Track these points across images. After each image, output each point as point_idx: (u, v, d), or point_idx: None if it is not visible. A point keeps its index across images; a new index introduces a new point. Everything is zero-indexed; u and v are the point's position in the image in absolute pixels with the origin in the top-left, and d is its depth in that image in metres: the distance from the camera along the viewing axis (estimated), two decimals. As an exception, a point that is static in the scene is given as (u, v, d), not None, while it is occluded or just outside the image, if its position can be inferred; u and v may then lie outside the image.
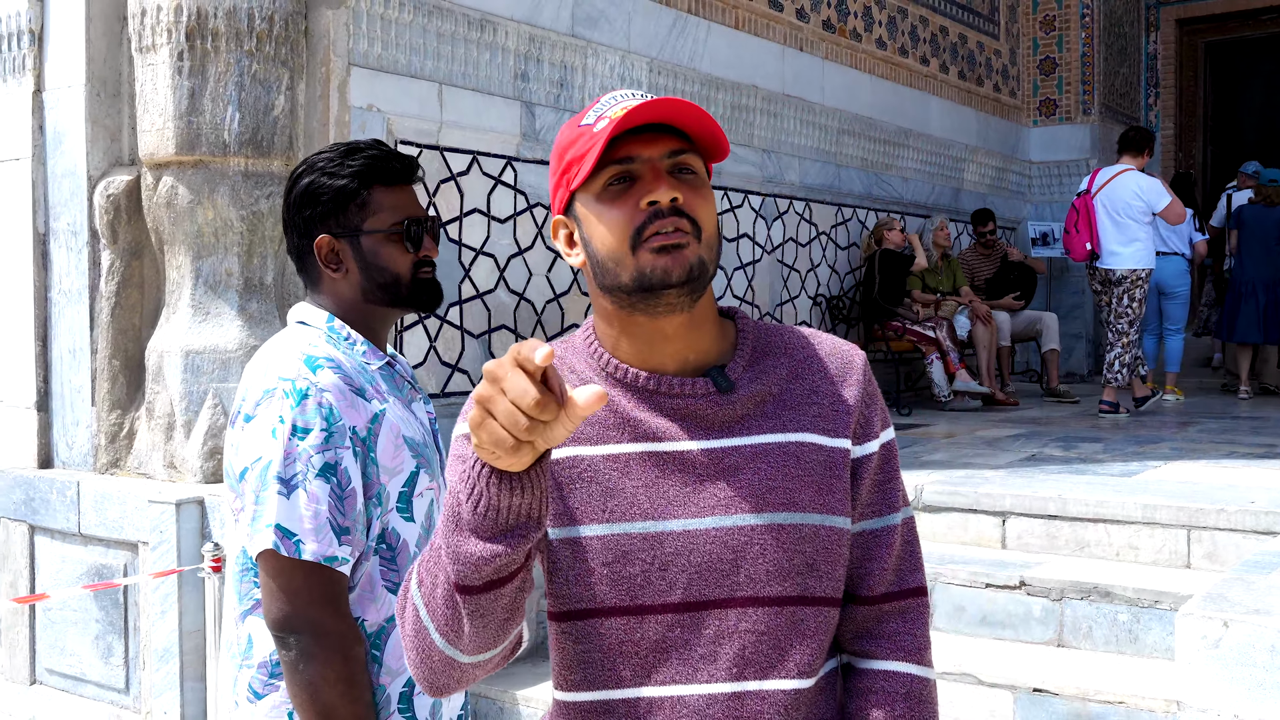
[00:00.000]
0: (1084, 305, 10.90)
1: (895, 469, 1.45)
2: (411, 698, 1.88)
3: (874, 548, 1.42)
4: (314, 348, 1.85)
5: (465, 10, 5.17)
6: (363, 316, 1.95)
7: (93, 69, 4.50)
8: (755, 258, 7.28)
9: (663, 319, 1.34)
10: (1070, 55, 10.98)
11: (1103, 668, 3.65)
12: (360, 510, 1.79)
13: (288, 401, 1.77)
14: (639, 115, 1.29)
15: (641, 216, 1.30)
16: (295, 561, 1.74)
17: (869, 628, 1.42)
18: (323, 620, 1.74)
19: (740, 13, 7.13)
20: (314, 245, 1.93)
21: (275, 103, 4.40)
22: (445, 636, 1.24)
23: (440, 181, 5.10)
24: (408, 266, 1.93)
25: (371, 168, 1.91)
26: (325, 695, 1.74)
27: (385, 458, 1.83)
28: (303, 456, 1.75)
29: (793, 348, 1.43)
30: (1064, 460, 5.38)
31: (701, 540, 1.32)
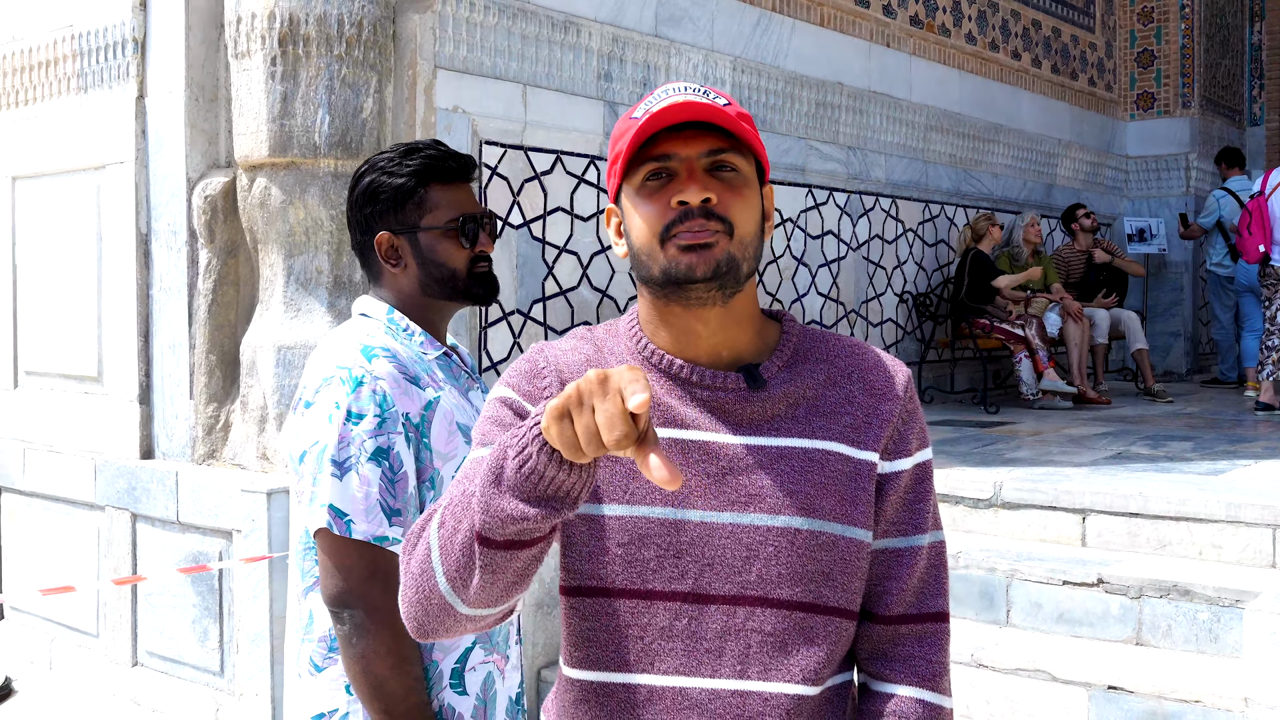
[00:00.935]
0: (1182, 303, 10.67)
1: (928, 490, 1.44)
2: (464, 673, 1.94)
3: (895, 567, 1.41)
4: (372, 338, 1.93)
5: (549, 12, 5.26)
6: (421, 309, 2.02)
7: (192, 75, 4.68)
8: (840, 255, 7.28)
9: (696, 311, 1.36)
10: (1169, 47, 10.75)
11: (1181, 666, 3.61)
12: (412, 493, 1.87)
13: (344, 389, 1.85)
14: (671, 113, 1.31)
15: (672, 214, 1.33)
16: (348, 540, 1.82)
17: (885, 649, 1.42)
18: (374, 596, 1.82)
19: (825, 10, 7.13)
20: (374, 241, 2.01)
21: (363, 105, 4.54)
22: (451, 582, 1.24)
23: (524, 180, 5.20)
24: (464, 261, 2.01)
25: (429, 167, 1.99)
26: (376, 668, 1.81)
27: (439, 443, 1.91)
28: (356, 441, 1.83)
29: (835, 356, 1.43)
30: (1150, 459, 5.30)
31: (718, 534, 1.33)
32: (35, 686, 4.98)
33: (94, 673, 4.92)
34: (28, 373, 5.46)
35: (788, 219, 6.81)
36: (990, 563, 4.14)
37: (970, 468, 5.00)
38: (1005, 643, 3.91)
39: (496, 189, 5.07)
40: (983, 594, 4.12)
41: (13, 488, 5.42)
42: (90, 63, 5.04)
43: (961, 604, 4.16)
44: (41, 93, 5.31)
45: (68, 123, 5.16)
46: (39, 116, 5.32)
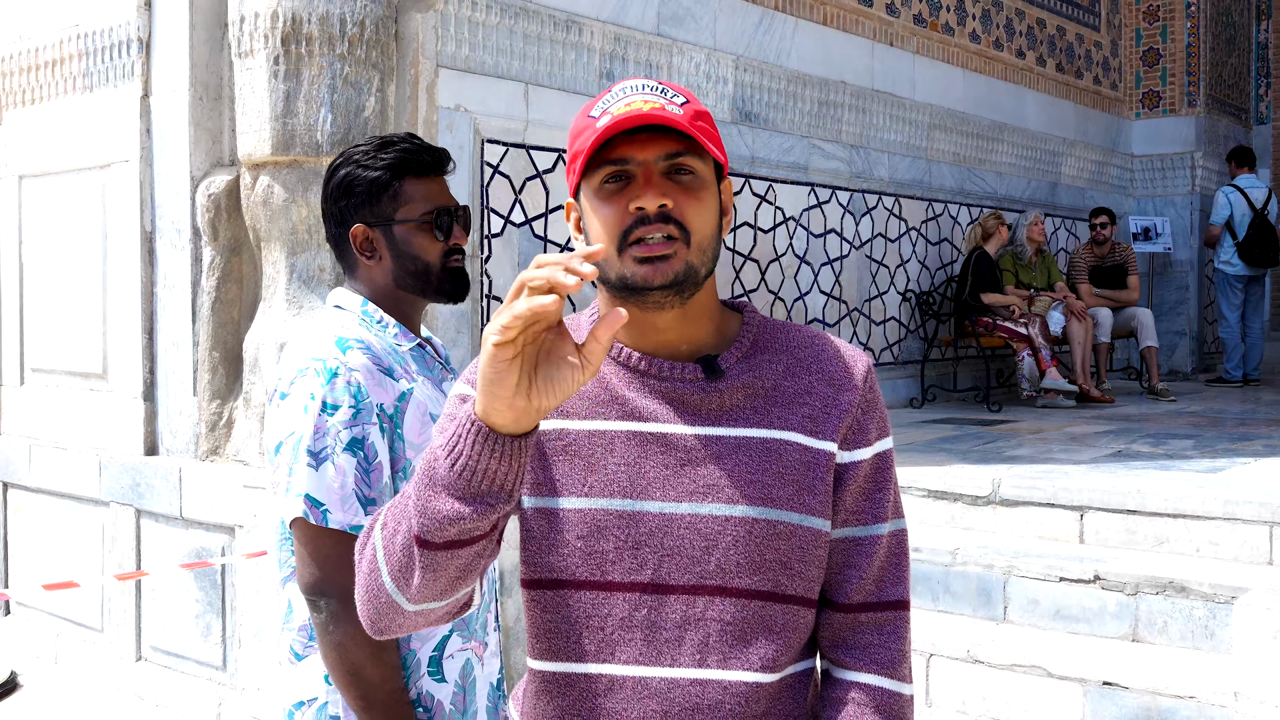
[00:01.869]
0: (1187, 302, 10.67)
1: (888, 480, 1.44)
2: (442, 661, 1.96)
3: (854, 555, 1.42)
4: (346, 330, 1.96)
5: (551, 11, 5.29)
6: (395, 301, 2.04)
7: (196, 74, 4.71)
8: (843, 253, 7.30)
9: (652, 312, 1.36)
10: (1175, 46, 10.74)
11: (1176, 663, 3.63)
12: (387, 483, 1.89)
13: (319, 380, 1.88)
14: (624, 124, 1.30)
15: (629, 219, 1.32)
16: (323, 529, 1.85)
17: (845, 637, 1.42)
18: (349, 585, 1.80)
19: (829, 9, 7.15)
20: (349, 234, 2.03)
21: (366, 104, 4.57)
22: (395, 581, 1.26)
23: (526, 179, 5.22)
24: (438, 254, 2.03)
25: (403, 160, 2.00)
26: (353, 655, 1.84)
27: (412, 434, 1.93)
28: (331, 431, 1.86)
29: (795, 346, 1.44)
30: (1150, 456, 5.31)
31: (676, 524, 1.34)
32: (40, 681, 5.02)
33: (98, 667, 4.96)
34: (34, 370, 5.50)
35: (790, 217, 6.83)
36: (988, 559, 4.16)
37: (970, 465, 5.01)
38: (1002, 639, 3.93)
39: (498, 187, 5.10)
40: (980, 590, 4.14)
41: (18, 483, 5.47)
42: (96, 62, 5.08)
43: (959, 600, 4.18)
44: (47, 92, 5.35)
45: (73, 121, 5.19)
46: (45, 115, 5.36)
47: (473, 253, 4.99)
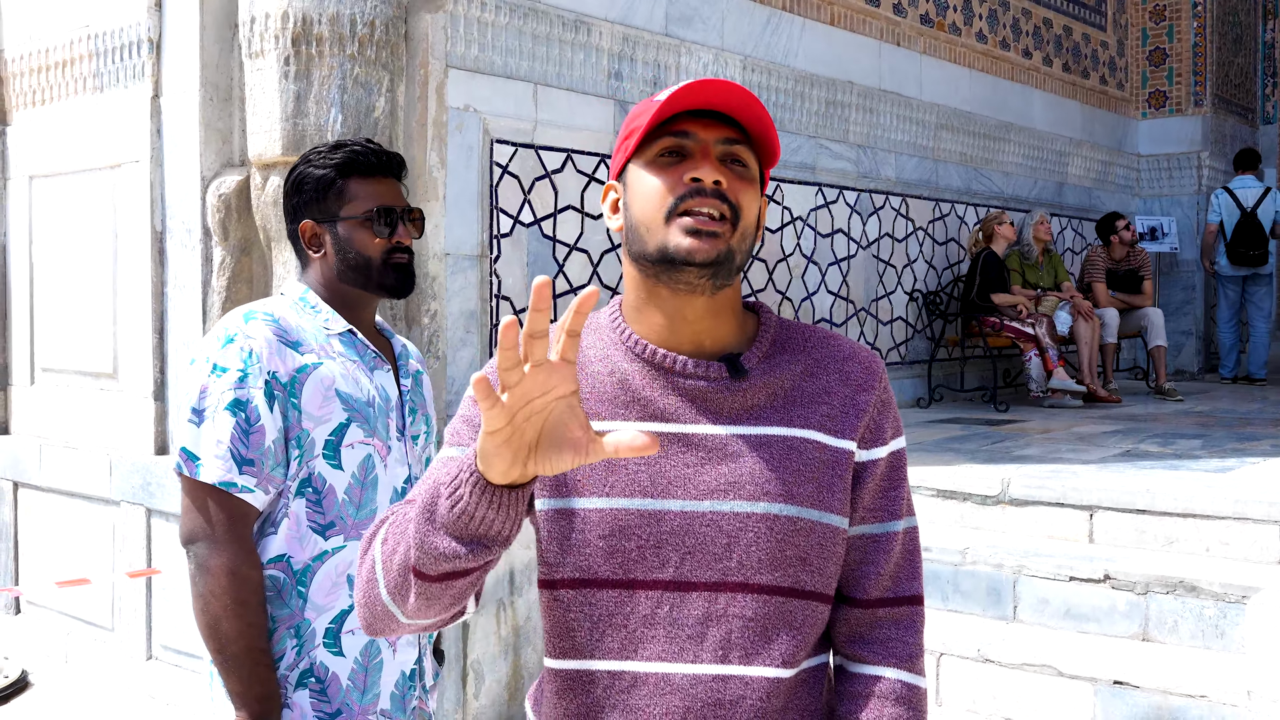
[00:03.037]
0: (1194, 302, 10.67)
1: (902, 477, 1.47)
2: (339, 634, 2.03)
3: (872, 552, 1.44)
4: (264, 306, 2.10)
5: (560, 12, 5.30)
6: (339, 295, 2.16)
7: (206, 75, 4.72)
8: (850, 253, 7.30)
9: (684, 297, 1.37)
10: (1181, 45, 10.74)
11: (1187, 662, 3.63)
12: (269, 447, 1.99)
13: (216, 345, 2.01)
14: (698, 90, 1.32)
15: (682, 189, 1.33)
16: (197, 482, 1.97)
17: (862, 632, 1.44)
18: (217, 538, 1.95)
19: (836, 9, 7.15)
20: (299, 229, 2.16)
21: (376, 104, 4.58)
22: (392, 596, 1.29)
23: (535, 179, 5.23)
24: (378, 251, 2.13)
25: (350, 161, 2.12)
26: (213, 607, 1.94)
27: (311, 406, 2.02)
28: (215, 392, 1.98)
29: (811, 346, 1.45)
30: (1159, 456, 5.31)
31: (698, 522, 1.35)
32: (51, 680, 5.03)
33: (109, 666, 4.97)
34: (44, 370, 5.51)
35: (798, 217, 6.83)
36: (997, 559, 4.16)
37: (978, 465, 5.02)
38: (1012, 638, 3.93)
39: (507, 187, 5.11)
40: (990, 590, 4.15)
41: (29, 483, 5.48)
42: (106, 63, 5.09)
43: (969, 600, 4.18)
44: (58, 93, 5.37)
45: (84, 122, 5.21)
46: (55, 116, 5.38)
47: (481, 252, 4.99)
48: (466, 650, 3.95)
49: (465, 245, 4.93)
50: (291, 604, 2.01)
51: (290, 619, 2.02)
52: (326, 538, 2.04)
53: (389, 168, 2.16)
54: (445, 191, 4.81)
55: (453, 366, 4.86)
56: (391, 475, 2.13)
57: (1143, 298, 9.06)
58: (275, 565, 2.02)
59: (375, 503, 2.09)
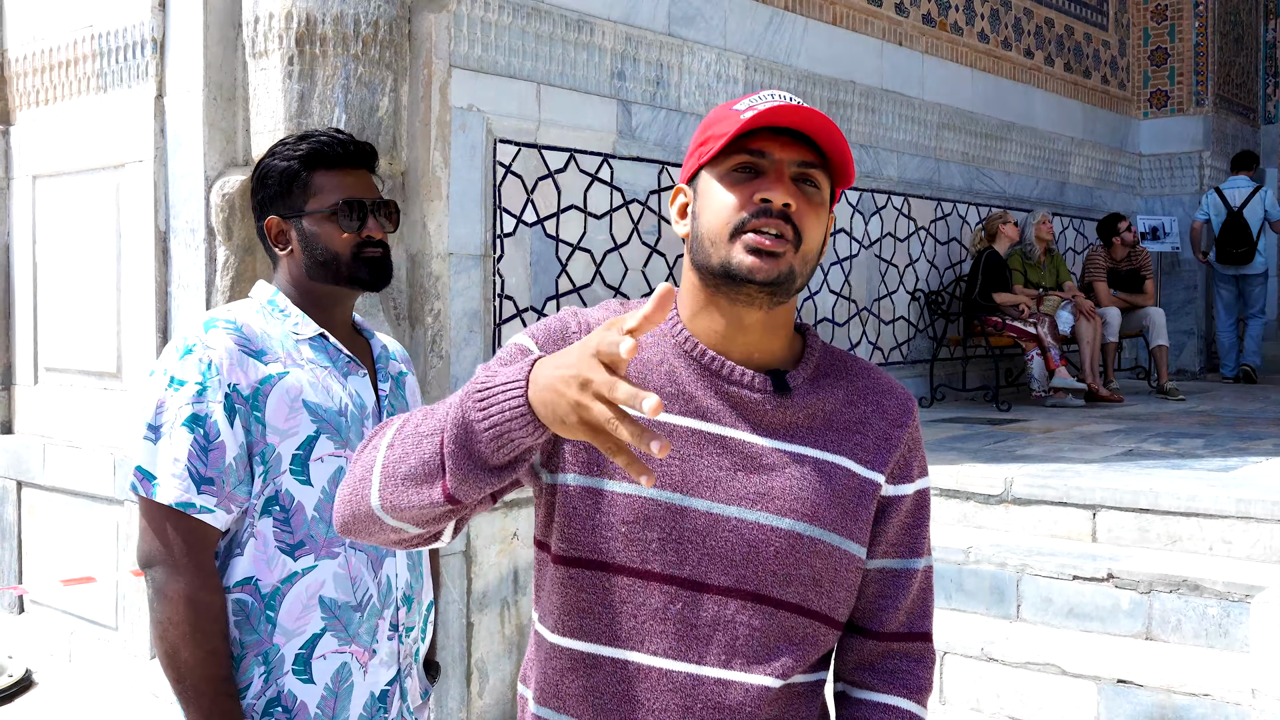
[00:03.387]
0: (1195, 301, 10.68)
1: (925, 516, 1.49)
2: (309, 660, 1.91)
3: (892, 587, 1.46)
4: (227, 312, 1.97)
5: (563, 12, 5.30)
6: (309, 294, 2.04)
7: (210, 75, 4.72)
8: (852, 253, 7.31)
9: (742, 308, 1.38)
10: (1183, 45, 10.75)
11: (1190, 661, 3.64)
12: (231, 464, 1.87)
13: (174, 356, 1.89)
14: (782, 114, 1.34)
15: (751, 209, 1.35)
16: (154, 502, 1.85)
17: (874, 662, 1.47)
18: (174, 561, 1.84)
19: (838, 8, 7.16)
20: (264, 226, 2.05)
21: (379, 104, 4.58)
22: (382, 499, 1.27)
23: (538, 178, 5.24)
24: (346, 245, 2.01)
25: (315, 152, 2.01)
26: (171, 635, 1.83)
27: (275, 419, 1.91)
28: (172, 406, 1.86)
29: (854, 375, 1.48)
30: (1161, 455, 5.32)
31: (722, 526, 1.36)
32: (55, 679, 5.04)
33: (112, 665, 4.98)
34: (48, 369, 5.52)
35: (800, 217, 6.83)
36: (1001, 558, 4.17)
37: (981, 464, 5.02)
38: (1015, 637, 3.94)
39: (510, 187, 5.11)
40: (993, 589, 4.15)
41: (33, 482, 5.49)
42: (110, 62, 5.10)
43: (972, 599, 4.19)
44: (62, 92, 5.37)
45: (87, 122, 5.21)
46: (59, 116, 5.38)
47: (484, 252, 5.00)
48: (471, 649, 3.95)
49: (469, 245, 4.93)
50: (260, 629, 1.90)
51: (258, 645, 1.90)
52: (296, 558, 1.91)
53: (357, 158, 2.06)
54: (449, 191, 4.82)
55: (456, 365, 4.87)
56: None
57: (1144, 297, 9.07)
58: (242, 589, 1.90)
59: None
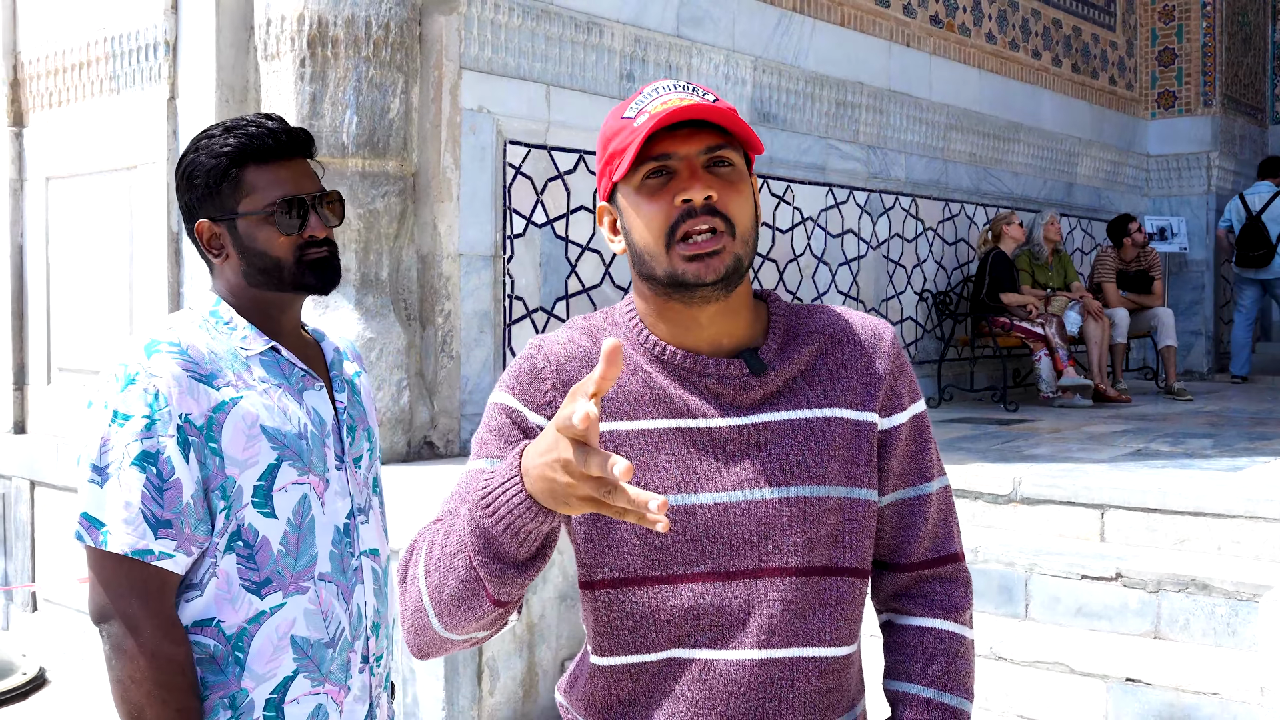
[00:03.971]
0: (1203, 302, 10.67)
1: (927, 439, 1.49)
2: (282, 705, 1.76)
3: (909, 516, 1.47)
4: (169, 331, 1.76)
5: (572, 14, 5.33)
6: (251, 301, 1.84)
7: (222, 77, 4.76)
8: (860, 253, 7.32)
9: (697, 306, 1.39)
10: (1191, 46, 10.75)
11: (1199, 660, 3.65)
12: (188, 503, 1.69)
13: (115, 386, 1.69)
14: (669, 119, 1.33)
15: (676, 213, 1.35)
16: (105, 553, 1.66)
17: (909, 589, 1.49)
18: (133, 615, 1.66)
19: (846, 10, 7.18)
20: (194, 230, 1.83)
21: (390, 106, 4.61)
22: (444, 624, 1.31)
23: (548, 180, 5.26)
24: (288, 249, 1.79)
25: (243, 146, 1.79)
26: (133, 694, 1.67)
27: (233, 449, 1.72)
28: (119, 444, 1.66)
29: (823, 326, 1.47)
30: (1170, 456, 5.33)
31: (731, 514, 1.38)
32: (68, 676, 5.07)
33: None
34: (60, 369, 5.56)
35: (808, 218, 6.85)
36: (1009, 557, 4.18)
37: (989, 464, 5.04)
38: (1024, 636, 3.96)
39: (520, 188, 5.14)
40: (1001, 588, 4.17)
41: (46, 482, 5.52)
42: (123, 65, 5.13)
43: (981, 598, 4.20)
44: (75, 94, 5.41)
45: (100, 124, 5.25)
46: (72, 118, 5.42)
47: (495, 253, 5.03)
48: (481, 647, 3.98)
49: (479, 246, 4.96)
50: (227, 671, 1.73)
51: (224, 688, 1.73)
52: (263, 596, 1.74)
53: (292, 147, 1.82)
54: (459, 192, 4.85)
55: (466, 366, 4.89)
56: (331, 513, 1.82)
57: (1152, 298, 9.08)
58: (202, 630, 1.72)
59: (315, 548, 1.79)
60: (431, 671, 3.87)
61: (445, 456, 4.82)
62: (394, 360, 4.62)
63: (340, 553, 1.83)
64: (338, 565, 1.82)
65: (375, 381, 4.57)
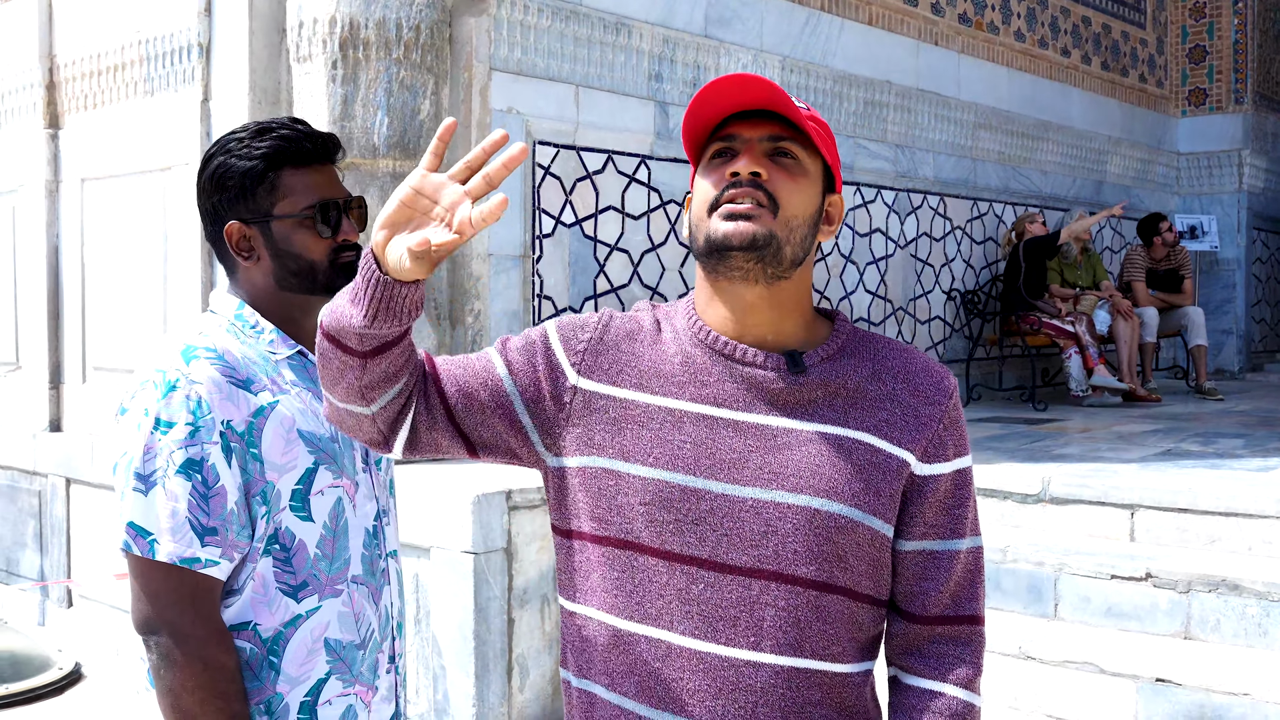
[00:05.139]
0: (1234, 300, 10.61)
1: (967, 496, 1.47)
2: (315, 708, 1.78)
3: (932, 569, 1.45)
4: (202, 337, 1.76)
5: (601, 15, 5.35)
6: (278, 304, 1.84)
7: (254, 79, 4.81)
8: (888, 252, 7.32)
9: (740, 287, 1.42)
10: (1222, 43, 10.68)
11: (1229, 660, 3.64)
12: (233, 510, 1.69)
13: (156, 394, 1.69)
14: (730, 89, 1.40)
15: (723, 184, 1.40)
16: (152, 562, 1.66)
17: (920, 646, 1.46)
18: (182, 624, 1.66)
19: (874, 9, 7.17)
20: (224, 232, 1.82)
21: (421, 107, 4.65)
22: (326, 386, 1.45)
23: (576, 180, 5.29)
24: (323, 252, 1.82)
25: (280, 149, 1.80)
26: (185, 702, 1.66)
27: (273, 454, 1.73)
28: (163, 452, 1.66)
29: (883, 356, 1.48)
30: (1200, 455, 5.31)
31: (738, 507, 1.38)
32: (103, 671, 5.14)
33: (160, 659, 5.07)
34: (95, 368, 5.62)
35: (836, 217, 6.85)
36: (1038, 557, 4.18)
37: (1018, 464, 5.03)
38: (1053, 636, 3.95)
39: (549, 188, 5.17)
40: (1030, 588, 4.16)
41: (81, 479, 5.59)
42: (157, 67, 5.19)
43: (1009, 597, 4.20)
44: (109, 96, 5.47)
45: (135, 126, 5.31)
46: (107, 119, 5.49)
47: (524, 253, 5.06)
48: (512, 645, 4.01)
49: (508, 246, 4.99)
50: (262, 677, 1.74)
51: (260, 693, 1.74)
52: (299, 599, 1.75)
53: (325, 153, 1.85)
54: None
55: (496, 365, 4.92)
56: (361, 515, 1.85)
57: (1183, 297, 9.03)
58: (238, 634, 1.73)
59: (348, 551, 1.81)
60: (462, 668, 3.91)
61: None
62: (424, 359, 4.66)
63: (370, 555, 1.86)
64: (368, 567, 1.85)
65: (406, 381, 4.61)
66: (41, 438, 5.82)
